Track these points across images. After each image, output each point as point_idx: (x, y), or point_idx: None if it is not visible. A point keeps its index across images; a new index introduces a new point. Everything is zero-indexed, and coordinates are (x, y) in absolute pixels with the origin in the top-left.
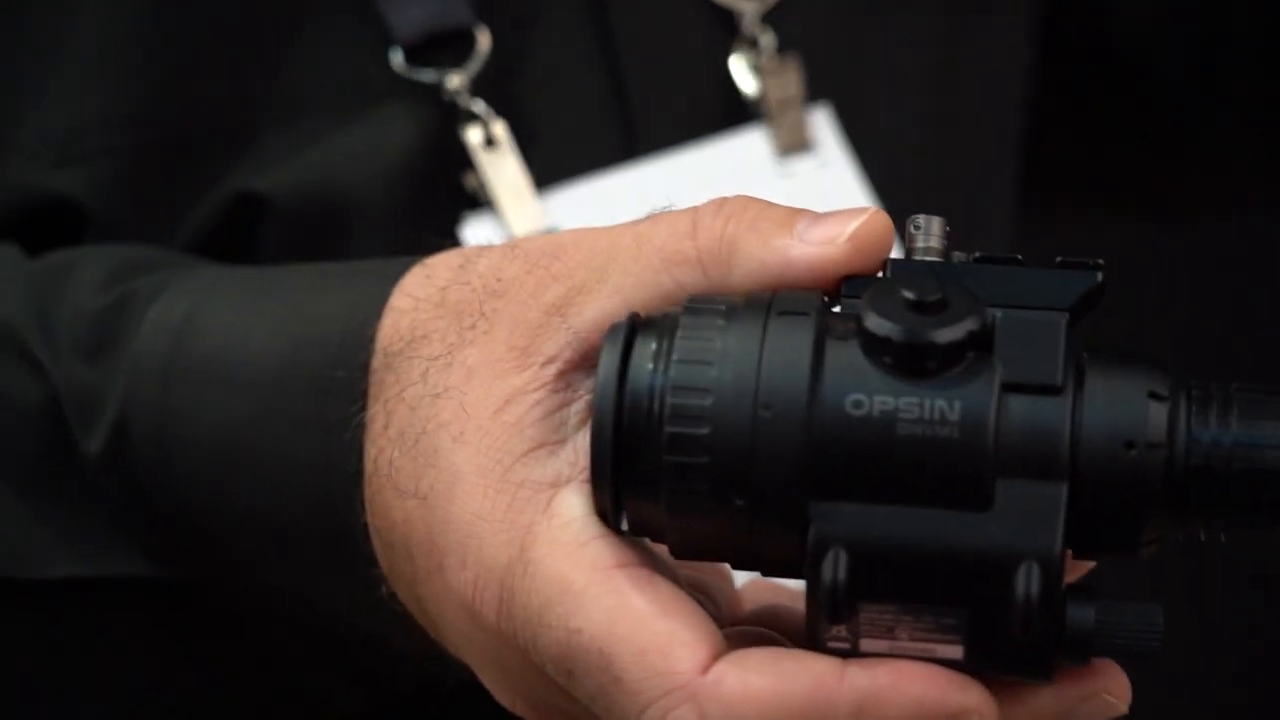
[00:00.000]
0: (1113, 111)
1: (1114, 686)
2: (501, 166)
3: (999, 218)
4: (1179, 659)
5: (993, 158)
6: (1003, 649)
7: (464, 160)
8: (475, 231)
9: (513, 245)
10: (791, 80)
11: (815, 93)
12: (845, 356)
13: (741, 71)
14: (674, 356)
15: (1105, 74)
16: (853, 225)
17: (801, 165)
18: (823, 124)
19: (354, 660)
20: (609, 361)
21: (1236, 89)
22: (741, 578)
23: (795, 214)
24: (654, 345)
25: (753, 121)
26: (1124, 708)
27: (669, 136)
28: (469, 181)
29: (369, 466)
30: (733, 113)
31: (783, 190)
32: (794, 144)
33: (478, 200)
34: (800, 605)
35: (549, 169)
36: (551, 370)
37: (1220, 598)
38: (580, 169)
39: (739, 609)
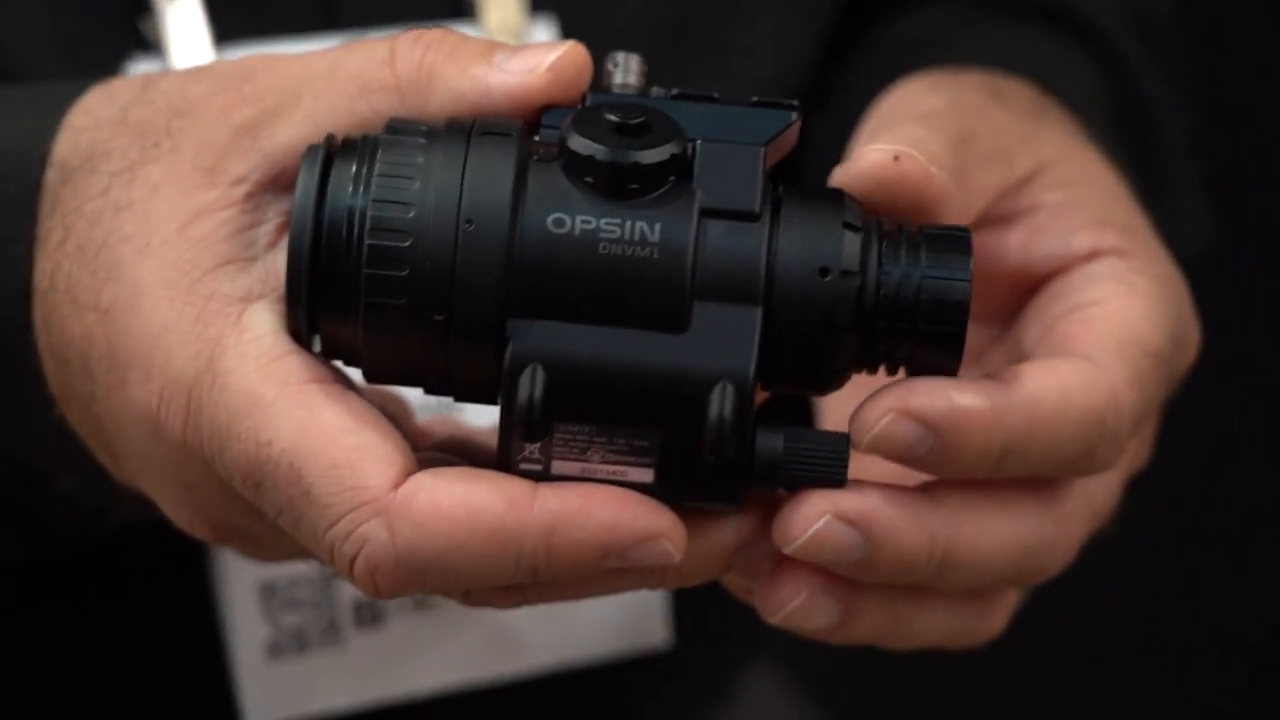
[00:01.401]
0: None
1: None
2: (179, 11)
3: None
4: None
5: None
6: (694, 472)
7: (145, 5)
8: (138, 70)
9: (199, 68)
10: None
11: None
12: (548, 176)
13: None
14: (376, 172)
15: None
16: (552, 56)
17: None
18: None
19: (14, 508)
20: (307, 179)
21: None
22: (423, 415)
23: (494, 45)
24: (354, 167)
25: (466, 20)
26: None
27: (374, 23)
28: (147, 28)
29: (43, 282)
30: (451, 13)
31: None
32: None
33: (153, 48)
34: (483, 441)
35: (242, 33)
36: (240, 190)
37: None
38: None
39: (422, 442)
